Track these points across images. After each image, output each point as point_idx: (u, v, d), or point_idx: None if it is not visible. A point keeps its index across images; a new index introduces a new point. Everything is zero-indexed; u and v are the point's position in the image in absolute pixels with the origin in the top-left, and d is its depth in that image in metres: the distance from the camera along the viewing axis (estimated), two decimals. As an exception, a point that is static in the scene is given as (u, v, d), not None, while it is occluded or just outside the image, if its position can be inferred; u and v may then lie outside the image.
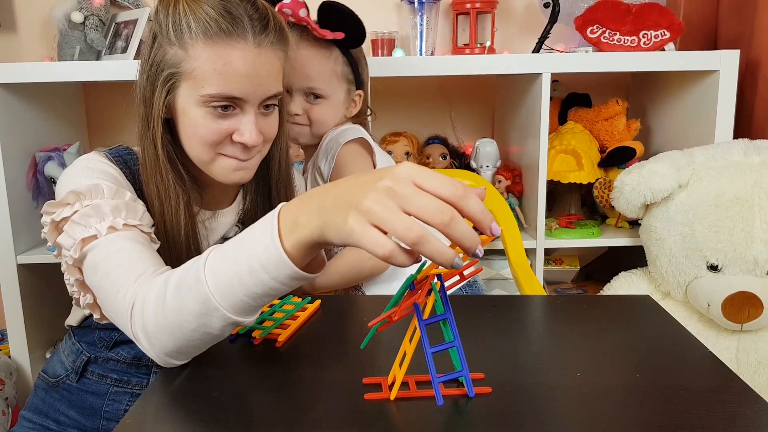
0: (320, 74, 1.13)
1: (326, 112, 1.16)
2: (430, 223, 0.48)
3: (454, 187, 0.49)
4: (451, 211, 0.48)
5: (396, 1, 1.79)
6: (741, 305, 1.28)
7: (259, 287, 0.58)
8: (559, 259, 1.79)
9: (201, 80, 0.80)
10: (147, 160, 0.86)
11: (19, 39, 1.77)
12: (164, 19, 0.81)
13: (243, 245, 0.59)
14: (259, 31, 0.81)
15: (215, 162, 0.87)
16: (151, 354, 0.66)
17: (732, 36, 1.67)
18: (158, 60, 0.82)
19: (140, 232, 0.78)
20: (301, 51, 1.11)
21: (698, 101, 1.55)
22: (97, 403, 0.97)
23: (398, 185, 0.49)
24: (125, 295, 0.68)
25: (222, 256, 0.61)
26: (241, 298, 0.59)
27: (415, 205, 0.49)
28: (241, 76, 0.81)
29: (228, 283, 0.59)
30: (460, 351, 0.60)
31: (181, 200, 0.86)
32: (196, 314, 0.61)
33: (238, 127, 0.84)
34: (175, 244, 0.86)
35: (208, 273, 0.60)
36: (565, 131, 1.64)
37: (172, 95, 0.83)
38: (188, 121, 0.84)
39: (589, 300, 0.97)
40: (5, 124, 1.41)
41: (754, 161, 1.34)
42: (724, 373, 0.65)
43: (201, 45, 0.80)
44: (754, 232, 1.28)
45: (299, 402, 0.61)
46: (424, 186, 0.49)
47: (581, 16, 1.57)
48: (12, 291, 1.45)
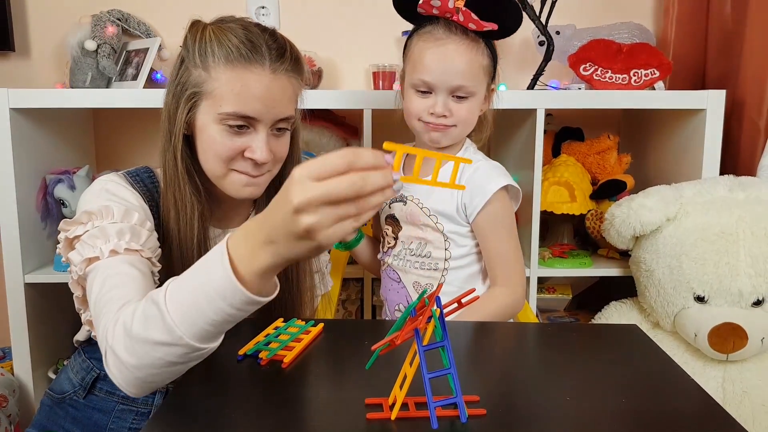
0: (470, 70, 1.05)
1: (473, 110, 1.09)
2: (352, 197, 0.56)
3: (343, 157, 0.56)
4: (357, 177, 0.56)
5: (397, 36, 1.86)
6: (727, 336, 1.32)
7: (218, 315, 0.64)
8: (551, 287, 1.83)
9: (220, 99, 0.88)
10: (167, 171, 0.93)
11: (32, 64, 1.82)
12: (191, 45, 0.90)
13: (199, 276, 0.65)
14: (275, 59, 0.89)
15: (228, 177, 0.93)
16: (119, 382, 0.71)
17: (719, 76, 1.74)
18: (183, 80, 0.90)
19: (141, 257, 0.83)
20: (448, 45, 1.04)
21: (686, 138, 1.61)
22: (102, 420, 0.99)
23: (305, 193, 0.56)
24: (106, 323, 0.73)
25: (181, 287, 0.66)
26: (202, 326, 0.65)
27: (332, 196, 0.56)
28: (256, 97, 0.88)
29: (189, 313, 0.64)
30: (455, 378, 0.64)
31: (196, 210, 0.93)
32: (161, 344, 0.66)
33: (250, 145, 0.91)
34: (187, 251, 0.92)
35: (169, 304, 0.65)
36: (558, 164, 1.70)
37: (193, 112, 0.90)
38: (206, 137, 0.91)
39: (580, 328, 1.01)
40: (18, 147, 1.45)
41: (739, 197, 1.39)
42: (705, 400, 0.69)
43: (222, 68, 0.88)
44: (738, 265, 1.32)
45: (304, 420, 0.65)
46: (321, 175, 0.56)
47: (575, 54, 1.63)
48: (18, 309, 1.48)
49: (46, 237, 1.57)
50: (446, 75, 1.04)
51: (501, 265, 1.11)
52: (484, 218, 1.09)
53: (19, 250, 1.46)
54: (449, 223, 1.12)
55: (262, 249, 0.61)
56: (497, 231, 1.10)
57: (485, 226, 1.10)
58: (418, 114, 1.08)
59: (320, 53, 1.78)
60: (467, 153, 1.15)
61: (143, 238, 0.84)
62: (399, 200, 1.16)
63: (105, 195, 0.89)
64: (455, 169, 0.68)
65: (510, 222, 1.13)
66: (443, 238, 1.12)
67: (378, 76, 1.75)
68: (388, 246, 1.19)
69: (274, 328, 0.89)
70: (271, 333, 0.87)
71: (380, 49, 1.88)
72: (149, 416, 0.99)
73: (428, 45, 1.05)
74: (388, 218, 1.19)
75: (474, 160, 1.12)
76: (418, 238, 1.14)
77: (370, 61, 1.81)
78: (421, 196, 1.13)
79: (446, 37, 1.04)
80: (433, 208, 1.12)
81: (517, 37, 1.11)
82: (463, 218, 1.11)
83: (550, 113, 1.83)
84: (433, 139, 1.10)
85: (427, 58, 1.05)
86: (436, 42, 1.05)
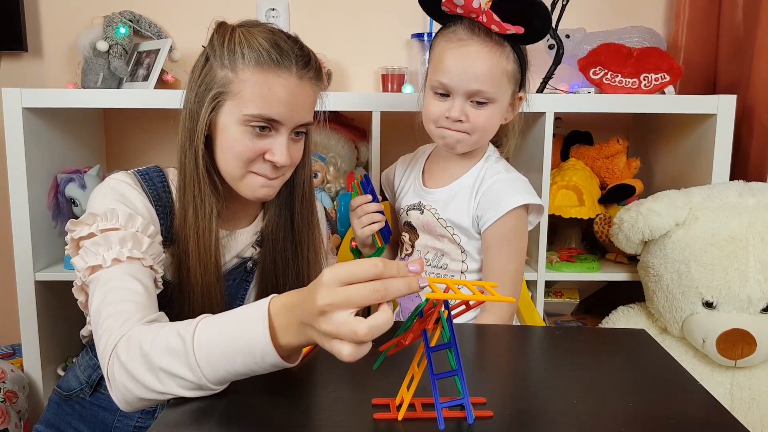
0: (491, 74, 1.00)
1: (493, 118, 1.04)
2: (371, 303, 0.59)
3: (372, 268, 0.59)
4: (380, 285, 0.58)
5: (406, 38, 1.86)
6: (735, 342, 1.31)
7: (243, 368, 0.66)
8: (559, 291, 1.83)
9: (246, 101, 0.89)
10: (186, 170, 0.93)
11: (45, 65, 1.84)
12: (219, 45, 0.90)
13: (234, 329, 0.67)
14: (302, 66, 0.91)
15: (245, 178, 0.94)
16: (120, 395, 0.73)
17: (730, 81, 1.73)
18: (208, 80, 0.91)
19: (142, 266, 0.84)
20: (469, 47, 1.00)
21: (696, 143, 1.60)
22: (108, 418, 1.00)
23: (331, 297, 0.58)
24: (109, 337, 0.74)
25: (213, 332, 0.68)
26: (224, 373, 0.67)
27: (354, 303, 0.58)
28: (282, 101, 0.89)
29: (215, 358, 0.66)
30: (462, 379, 0.64)
31: (215, 209, 0.94)
32: (178, 377, 0.67)
33: (271, 148, 0.92)
34: (205, 248, 0.93)
35: (197, 344, 0.67)
36: (567, 168, 1.69)
37: (216, 112, 0.91)
38: (227, 138, 0.91)
39: (587, 332, 1.00)
40: (30, 146, 1.47)
41: (749, 202, 1.38)
42: (713, 405, 0.69)
43: (251, 70, 0.89)
44: (748, 271, 1.32)
45: (312, 419, 0.65)
46: (348, 281, 0.59)
47: (584, 58, 1.63)
48: (28, 307, 1.49)
49: (57, 235, 1.58)
50: (464, 78, 1.00)
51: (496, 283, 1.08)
52: (492, 233, 1.06)
53: (30, 248, 1.47)
54: (464, 236, 1.09)
55: (297, 327, 0.64)
56: (502, 249, 1.07)
57: (492, 242, 1.07)
58: (434, 118, 1.04)
59: (329, 55, 1.78)
60: (489, 162, 1.10)
61: (145, 246, 0.85)
62: (416, 208, 1.13)
63: (112, 195, 0.90)
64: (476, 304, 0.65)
65: (519, 243, 1.08)
66: (460, 251, 1.10)
67: (387, 78, 1.76)
68: (405, 253, 1.18)
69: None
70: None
71: (389, 51, 1.89)
72: (154, 414, 1.00)
73: (449, 45, 1.01)
74: (405, 224, 1.17)
75: (494, 170, 1.08)
76: (434, 248, 1.12)
77: (378, 64, 1.81)
78: (438, 206, 1.11)
79: (468, 38, 1.00)
80: (450, 220, 1.09)
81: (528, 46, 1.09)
82: (476, 231, 1.09)
83: (559, 117, 1.83)
84: (448, 145, 1.06)
85: (447, 60, 1.01)
86: (457, 43, 1.00)
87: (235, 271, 1.03)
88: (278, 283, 1.03)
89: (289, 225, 1.04)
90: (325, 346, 0.61)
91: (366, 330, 0.58)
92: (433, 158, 1.18)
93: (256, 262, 1.05)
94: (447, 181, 1.12)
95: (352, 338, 0.58)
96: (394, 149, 1.74)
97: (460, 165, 1.11)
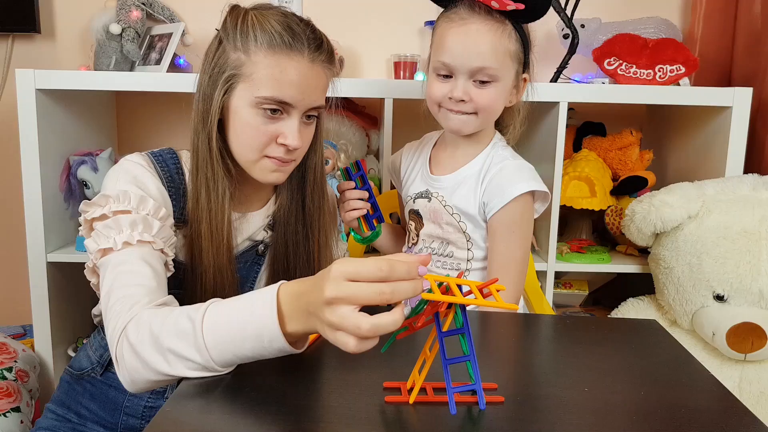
0: (494, 52, 0.99)
1: (497, 97, 1.02)
2: (376, 304, 0.59)
3: (380, 270, 0.59)
4: (387, 288, 0.59)
5: (419, 26, 1.85)
6: (745, 335, 1.31)
7: (251, 351, 0.68)
8: (568, 282, 1.83)
9: (258, 83, 0.89)
10: (200, 152, 0.93)
11: (57, 47, 1.84)
12: (232, 28, 0.91)
13: (244, 313, 0.68)
14: (314, 49, 0.91)
15: (259, 162, 0.94)
16: (125, 378, 0.75)
17: (746, 74, 1.72)
18: (221, 62, 0.91)
19: (152, 249, 0.85)
20: (470, 26, 0.99)
21: (710, 136, 1.59)
22: (118, 397, 1.01)
23: (338, 290, 0.60)
24: (118, 320, 0.76)
25: (222, 315, 0.69)
26: (231, 356, 0.68)
27: (359, 300, 0.60)
28: (294, 84, 0.90)
29: (224, 341, 0.68)
30: (474, 365, 0.64)
31: (227, 191, 0.94)
32: (187, 359, 0.69)
33: (283, 131, 0.92)
34: (218, 230, 0.94)
35: (206, 327, 0.68)
36: (579, 158, 1.69)
37: (229, 95, 0.91)
38: (239, 121, 0.92)
39: (598, 321, 1.00)
40: (43, 128, 1.47)
41: (763, 196, 1.37)
42: (724, 395, 0.69)
43: (263, 53, 0.89)
44: (760, 265, 1.31)
45: (324, 401, 0.66)
46: (356, 278, 0.60)
47: (599, 48, 1.62)
48: (40, 287, 1.50)
49: (69, 217, 1.59)
50: (467, 56, 0.99)
51: (500, 268, 1.07)
52: (498, 220, 1.06)
53: (42, 230, 1.48)
54: (471, 223, 1.09)
55: (303, 315, 0.65)
56: (508, 236, 1.06)
57: (498, 228, 1.06)
58: (437, 99, 1.04)
59: (341, 42, 1.78)
60: (495, 149, 1.10)
61: (155, 229, 0.86)
62: (424, 196, 1.13)
63: (125, 177, 0.91)
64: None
65: (524, 230, 1.07)
66: (465, 239, 1.10)
67: (399, 65, 1.75)
68: (411, 242, 1.18)
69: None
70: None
71: (402, 38, 1.88)
72: (164, 394, 1.01)
73: (450, 25, 1.01)
74: (411, 212, 1.16)
75: (501, 157, 1.08)
76: (439, 237, 1.12)
77: (391, 51, 1.81)
78: (445, 193, 1.10)
79: (469, 16, 0.99)
80: (456, 207, 1.09)
81: (541, 29, 1.08)
82: (482, 218, 1.08)
83: (572, 108, 1.82)
84: (452, 128, 1.05)
85: (448, 39, 1.00)
86: (458, 22, 1.00)
87: (246, 253, 1.03)
88: (289, 267, 1.03)
89: (300, 209, 1.04)
90: (329, 337, 0.62)
91: (369, 327, 0.59)
92: (439, 145, 1.17)
93: (267, 245, 1.05)
94: (454, 168, 1.11)
95: (356, 333, 0.59)
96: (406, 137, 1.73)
97: (466, 151, 1.10)
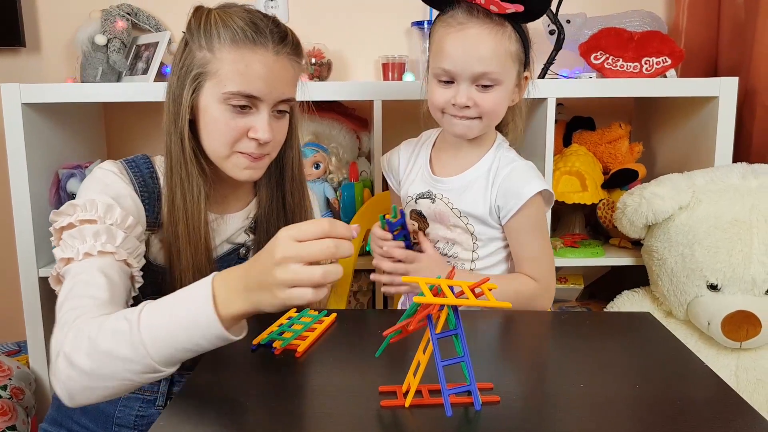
0: (495, 56, 0.98)
1: (500, 100, 1.02)
2: (324, 258, 0.65)
3: (321, 226, 0.66)
4: (332, 242, 0.66)
5: (406, 26, 1.85)
6: (740, 324, 1.31)
7: (188, 343, 0.69)
8: (563, 277, 1.83)
9: (224, 79, 0.90)
10: (173, 153, 0.94)
11: (43, 60, 1.83)
12: (196, 28, 0.92)
13: (179, 306, 0.70)
14: (278, 42, 0.92)
15: (230, 158, 0.95)
16: (64, 388, 0.74)
17: (732, 63, 1.72)
18: (188, 63, 0.92)
19: (114, 260, 0.85)
20: (469, 30, 0.98)
21: (699, 126, 1.60)
22: (109, 409, 1.01)
23: (287, 250, 0.65)
24: (61, 330, 0.76)
25: (158, 311, 0.71)
26: (169, 350, 0.70)
27: (307, 257, 0.65)
28: (260, 77, 0.90)
29: (161, 336, 0.69)
30: (469, 366, 0.64)
31: (203, 190, 0.94)
32: (123, 359, 0.70)
33: (253, 125, 0.93)
34: (195, 230, 0.94)
35: (143, 324, 0.70)
36: (569, 153, 1.69)
37: (197, 94, 0.92)
38: (209, 118, 0.92)
39: (592, 316, 1.01)
40: (31, 142, 1.46)
41: (752, 185, 1.38)
42: (720, 386, 0.69)
43: (227, 49, 0.90)
44: (752, 253, 1.31)
45: (318, 408, 0.66)
46: (302, 237, 0.66)
47: (585, 43, 1.62)
48: (33, 303, 1.49)
49: (60, 231, 1.58)
50: (468, 62, 0.98)
51: (534, 267, 1.07)
52: (518, 221, 1.05)
53: (33, 245, 1.47)
54: (480, 224, 1.08)
55: (241, 294, 0.69)
56: (530, 234, 1.07)
57: (519, 229, 1.06)
58: (440, 106, 1.03)
59: (329, 45, 1.78)
60: (501, 150, 1.09)
61: (119, 240, 0.86)
62: (426, 197, 1.11)
63: (95, 186, 0.92)
64: None
65: (543, 224, 1.09)
66: (472, 240, 1.09)
67: (387, 67, 1.75)
68: (414, 241, 1.14)
69: (287, 318, 0.90)
70: (285, 323, 0.88)
71: (390, 40, 1.88)
72: (155, 403, 1.01)
73: (449, 31, 1.00)
74: (414, 213, 1.15)
75: (509, 159, 1.07)
76: (445, 238, 1.11)
77: (379, 53, 1.81)
78: (451, 195, 1.09)
79: (467, 21, 0.98)
80: (465, 210, 1.07)
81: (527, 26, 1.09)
82: (495, 220, 1.07)
83: (560, 103, 1.82)
84: (457, 133, 1.05)
85: (448, 45, 0.99)
86: (457, 27, 0.99)
87: (227, 257, 1.03)
88: None
89: (281, 206, 1.05)
90: (282, 297, 0.66)
91: (321, 272, 0.65)
92: (440, 145, 1.16)
93: (249, 248, 1.05)
94: (459, 170, 1.10)
95: (310, 282, 0.65)
96: (396, 138, 1.72)
97: (470, 153, 1.10)
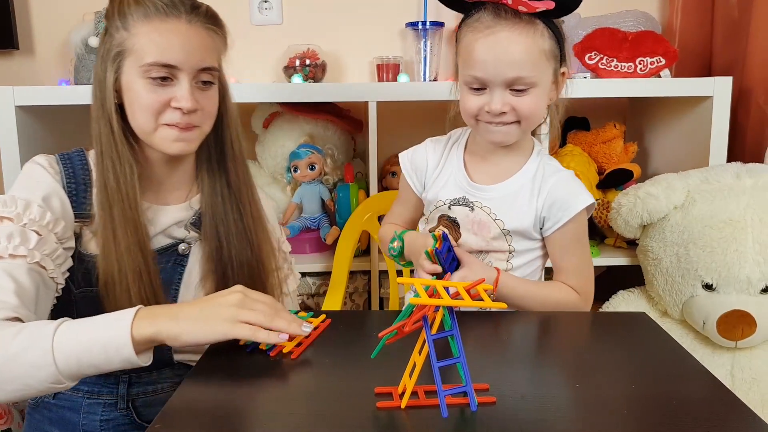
0: (528, 58, 0.92)
1: (538, 102, 0.96)
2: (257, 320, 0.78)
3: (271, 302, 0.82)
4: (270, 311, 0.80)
5: (401, 27, 1.85)
6: (735, 323, 1.32)
7: (97, 360, 0.74)
8: (559, 277, 1.83)
9: (141, 52, 0.92)
10: (102, 137, 0.94)
11: (36, 62, 1.83)
12: (111, 12, 0.94)
13: (99, 327, 0.76)
14: (190, 11, 0.94)
15: (158, 131, 0.95)
16: None
17: (726, 63, 1.73)
18: (108, 46, 0.94)
19: (26, 263, 0.84)
20: (499, 34, 0.91)
21: (693, 126, 1.60)
22: (73, 417, 1.00)
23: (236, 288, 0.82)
24: None
25: (77, 327, 0.76)
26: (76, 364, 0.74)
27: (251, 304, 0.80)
28: (174, 46, 0.92)
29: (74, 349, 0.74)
30: (464, 367, 0.64)
31: (134, 169, 0.95)
32: (30, 364, 0.73)
33: (175, 94, 0.93)
34: (131, 210, 0.94)
35: (58, 335, 0.74)
36: (564, 153, 1.69)
37: (119, 74, 0.93)
38: (133, 94, 0.93)
39: (588, 316, 1.01)
40: (24, 145, 1.46)
41: (747, 184, 1.38)
42: (715, 385, 0.69)
43: (140, 24, 0.92)
44: (746, 252, 1.32)
45: (314, 409, 0.65)
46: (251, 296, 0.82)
47: (579, 43, 1.63)
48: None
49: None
50: (499, 68, 0.91)
51: (575, 278, 1.04)
52: (562, 234, 1.01)
53: (27, 247, 1.46)
54: (520, 237, 1.03)
55: (161, 321, 0.76)
56: (574, 246, 1.03)
57: (563, 242, 1.03)
58: (473, 113, 0.97)
59: (323, 46, 1.78)
60: (542, 157, 1.04)
61: (32, 243, 0.85)
62: (463, 204, 1.04)
63: (22, 180, 0.93)
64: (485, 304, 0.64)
65: (586, 236, 1.05)
66: (508, 251, 1.04)
67: (382, 68, 1.75)
68: None
69: (283, 320, 0.90)
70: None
71: (384, 41, 1.88)
72: (116, 406, 1.00)
73: (477, 36, 0.93)
74: (444, 219, 1.07)
75: (553, 168, 1.03)
76: (479, 249, 1.05)
77: (373, 54, 1.81)
78: (492, 205, 1.02)
79: (495, 24, 0.91)
80: (510, 224, 1.02)
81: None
82: (537, 232, 1.03)
83: (555, 103, 1.82)
84: (495, 141, 0.99)
85: (477, 51, 0.92)
86: (485, 31, 0.92)
87: (165, 253, 1.01)
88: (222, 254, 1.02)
89: (225, 186, 1.04)
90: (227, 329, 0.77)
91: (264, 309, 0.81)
92: (472, 148, 1.08)
93: (190, 245, 1.03)
94: (501, 178, 1.04)
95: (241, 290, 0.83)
96: (391, 139, 1.73)
97: (511, 160, 1.04)
